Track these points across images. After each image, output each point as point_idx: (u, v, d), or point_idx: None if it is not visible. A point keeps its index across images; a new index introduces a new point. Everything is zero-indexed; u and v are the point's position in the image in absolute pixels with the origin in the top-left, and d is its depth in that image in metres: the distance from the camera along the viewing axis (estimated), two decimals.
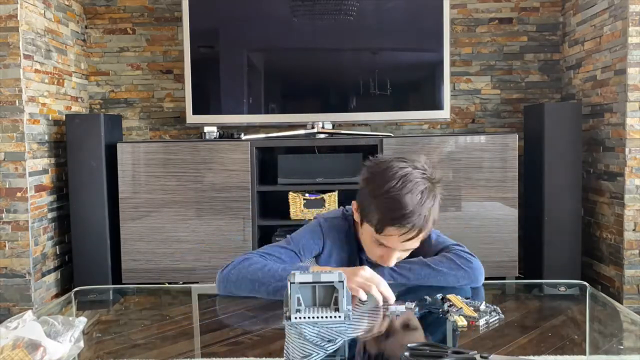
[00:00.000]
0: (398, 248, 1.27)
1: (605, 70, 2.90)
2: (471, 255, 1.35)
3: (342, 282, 1.02)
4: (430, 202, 1.24)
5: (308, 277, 1.03)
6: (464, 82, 3.46)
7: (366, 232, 1.30)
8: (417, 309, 1.12)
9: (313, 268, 1.20)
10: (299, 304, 1.02)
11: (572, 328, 1.09)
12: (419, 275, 1.29)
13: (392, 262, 1.29)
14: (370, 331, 1.07)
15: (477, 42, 3.45)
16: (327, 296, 1.04)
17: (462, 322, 1.03)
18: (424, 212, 1.22)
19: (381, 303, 1.14)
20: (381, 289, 1.15)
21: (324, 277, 1.03)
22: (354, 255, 1.39)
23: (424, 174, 1.26)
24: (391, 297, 1.15)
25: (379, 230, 1.24)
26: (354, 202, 1.34)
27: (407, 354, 0.83)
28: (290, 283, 1.02)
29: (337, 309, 1.02)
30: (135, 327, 1.10)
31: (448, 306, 1.10)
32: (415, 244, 1.27)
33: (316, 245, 1.37)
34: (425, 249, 1.37)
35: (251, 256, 1.30)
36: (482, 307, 1.09)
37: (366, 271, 1.17)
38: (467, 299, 1.15)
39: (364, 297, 1.14)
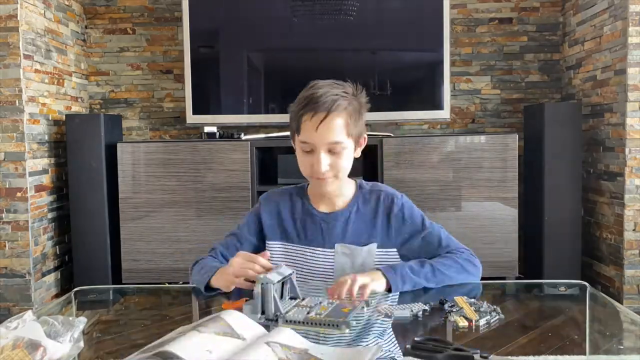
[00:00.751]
0: (319, 142, 1.27)
1: (605, 70, 2.90)
2: (475, 259, 1.36)
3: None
4: (337, 90, 1.29)
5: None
6: (464, 82, 3.46)
7: (297, 149, 1.34)
8: (419, 313, 1.11)
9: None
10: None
11: (572, 328, 1.09)
12: (427, 279, 1.27)
13: (323, 167, 1.28)
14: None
15: (477, 42, 3.45)
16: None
17: (462, 322, 1.03)
18: (330, 95, 1.27)
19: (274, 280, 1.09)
20: (260, 261, 1.15)
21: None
22: (297, 220, 1.40)
23: (336, 83, 1.34)
24: (266, 267, 1.14)
25: (297, 128, 1.30)
26: (292, 142, 1.40)
27: (409, 346, 0.85)
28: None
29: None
30: (135, 327, 1.10)
31: (449, 306, 1.10)
32: (333, 135, 1.27)
33: (252, 222, 1.42)
34: (434, 247, 1.37)
35: (203, 258, 1.45)
36: (483, 307, 1.10)
37: (236, 257, 1.20)
38: (472, 298, 1.15)
39: (247, 285, 1.15)
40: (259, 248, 1.41)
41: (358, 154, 1.37)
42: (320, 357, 0.84)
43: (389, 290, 1.23)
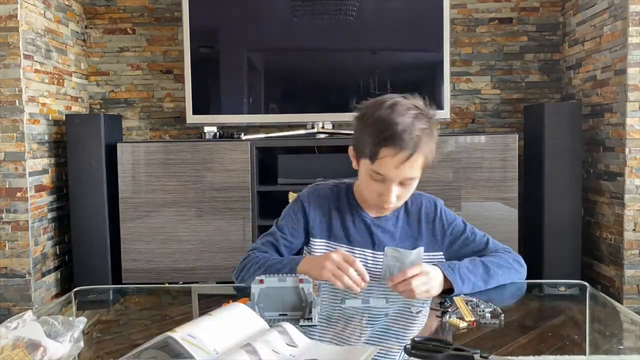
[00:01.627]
0: (394, 177, 1.23)
1: (605, 70, 2.90)
2: (520, 258, 1.37)
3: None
4: (422, 124, 1.21)
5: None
6: (464, 82, 3.46)
7: (363, 171, 1.28)
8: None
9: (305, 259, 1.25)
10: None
11: (572, 328, 1.09)
12: (483, 280, 1.26)
13: (392, 198, 1.25)
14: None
15: (477, 42, 3.45)
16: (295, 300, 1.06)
17: (462, 324, 1.03)
18: (416, 132, 1.19)
19: (358, 290, 1.13)
20: (350, 274, 1.12)
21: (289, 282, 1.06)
22: (345, 220, 1.37)
23: (415, 104, 1.24)
24: (363, 276, 1.13)
25: (372, 157, 1.21)
26: (349, 148, 1.33)
27: (409, 346, 0.85)
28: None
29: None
30: (135, 327, 1.10)
31: (447, 306, 1.11)
32: (412, 172, 1.23)
33: (298, 220, 1.38)
34: (479, 248, 1.37)
35: (252, 255, 1.34)
36: (483, 306, 1.10)
37: (337, 255, 1.16)
38: (474, 298, 1.15)
39: (340, 286, 1.13)
40: (302, 246, 1.40)
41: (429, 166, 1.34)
42: (315, 358, 0.85)
43: (447, 291, 1.20)
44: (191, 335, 0.81)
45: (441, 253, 1.38)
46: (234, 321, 0.91)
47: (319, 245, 1.37)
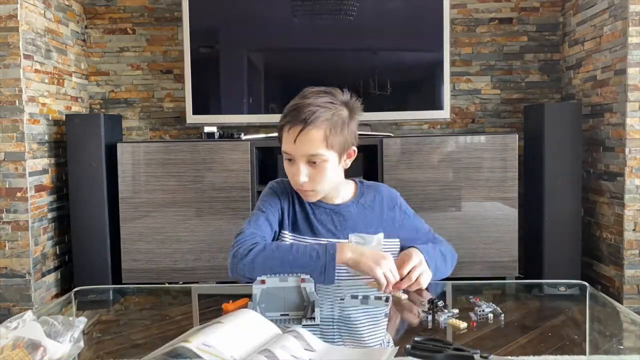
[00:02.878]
0: (295, 152, 1.28)
1: (605, 70, 2.90)
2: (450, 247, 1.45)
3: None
4: (319, 101, 1.27)
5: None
6: (464, 82, 3.46)
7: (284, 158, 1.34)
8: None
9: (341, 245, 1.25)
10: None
11: (572, 328, 1.09)
12: (440, 272, 1.34)
13: (302, 177, 1.29)
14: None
15: (477, 42, 3.45)
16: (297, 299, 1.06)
17: (463, 324, 1.03)
18: (310, 107, 1.25)
19: (388, 290, 1.18)
20: (398, 286, 1.19)
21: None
22: (307, 213, 1.40)
23: (326, 90, 1.32)
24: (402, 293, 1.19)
25: (279, 139, 1.31)
26: None
27: (409, 346, 0.85)
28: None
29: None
30: (135, 327, 1.10)
31: (441, 306, 1.11)
32: (311, 146, 1.26)
33: (276, 208, 1.41)
34: (423, 234, 1.44)
35: (257, 241, 1.32)
36: (483, 306, 1.10)
37: (391, 262, 1.20)
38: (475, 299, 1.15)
39: (382, 289, 1.19)
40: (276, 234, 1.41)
41: (347, 164, 1.37)
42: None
43: None
44: (206, 344, 0.81)
45: (398, 240, 1.42)
46: (246, 327, 0.90)
47: (287, 238, 1.39)
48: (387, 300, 1.16)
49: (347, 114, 1.30)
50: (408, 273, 1.24)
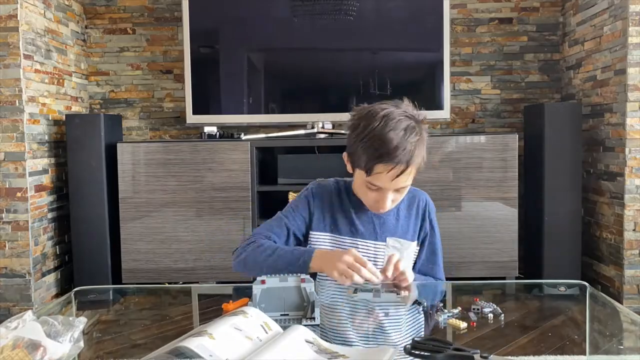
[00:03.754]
0: (390, 188, 1.27)
1: (605, 70, 2.90)
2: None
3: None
4: (414, 137, 1.24)
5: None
6: (464, 82, 3.46)
7: (358, 179, 1.32)
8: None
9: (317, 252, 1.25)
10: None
11: (572, 328, 1.09)
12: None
13: (388, 205, 1.29)
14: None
15: (477, 42, 3.45)
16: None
17: (463, 324, 1.03)
18: (408, 146, 1.22)
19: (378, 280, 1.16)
20: (363, 274, 1.14)
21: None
22: (349, 214, 1.39)
23: (405, 112, 1.28)
24: (375, 276, 1.15)
25: (368, 171, 1.25)
26: (344, 154, 1.36)
27: (409, 346, 0.85)
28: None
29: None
30: (135, 327, 1.10)
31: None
32: (405, 181, 1.27)
33: (303, 213, 1.40)
34: (434, 258, 1.43)
35: (257, 239, 1.34)
36: (484, 306, 1.10)
37: (349, 256, 1.17)
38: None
39: (349, 284, 1.15)
40: (303, 238, 1.42)
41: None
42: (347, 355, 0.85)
43: None
44: (206, 345, 0.81)
45: (416, 245, 1.43)
46: (247, 326, 0.90)
47: (323, 239, 1.39)
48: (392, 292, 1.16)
49: (423, 130, 1.30)
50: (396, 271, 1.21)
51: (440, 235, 1.46)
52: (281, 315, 1.04)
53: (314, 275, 1.24)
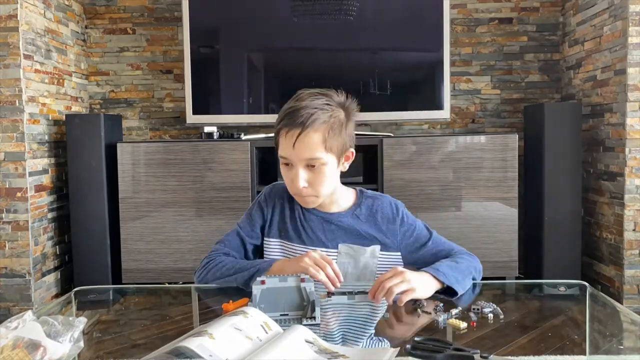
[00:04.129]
0: (294, 157, 1.25)
1: (605, 70, 2.90)
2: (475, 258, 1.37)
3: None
4: (317, 104, 1.25)
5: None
6: (464, 82, 3.46)
7: (280, 162, 1.32)
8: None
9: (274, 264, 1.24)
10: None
11: (572, 328, 1.09)
12: (465, 285, 1.25)
13: (301, 182, 1.26)
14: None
15: (477, 42, 3.45)
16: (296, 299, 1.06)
17: (463, 324, 1.03)
18: (307, 110, 1.23)
19: (332, 288, 1.14)
20: (328, 272, 1.14)
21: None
22: (299, 220, 1.37)
23: (322, 92, 1.29)
24: (338, 276, 1.14)
25: (276, 144, 1.29)
26: None
27: (408, 346, 0.85)
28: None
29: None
30: (135, 327, 1.10)
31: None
32: (309, 150, 1.24)
33: (258, 220, 1.41)
34: (445, 252, 1.36)
35: (214, 257, 1.38)
36: (483, 305, 1.10)
37: (315, 253, 1.17)
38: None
39: (319, 278, 1.14)
40: (259, 246, 1.41)
41: (345, 167, 1.34)
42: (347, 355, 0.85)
43: (445, 292, 1.20)
44: (206, 345, 0.81)
45: (399, 254, 1.36)
46: (247, 326, 0.90)
47: (273, 245, 1.38)
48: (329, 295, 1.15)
49: (344, 115, 1.28)
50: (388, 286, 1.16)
51: (420, 221, 1.41)
52: (281, 315, 1.04)
53: None
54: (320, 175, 1.27)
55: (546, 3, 3.42)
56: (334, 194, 1.35)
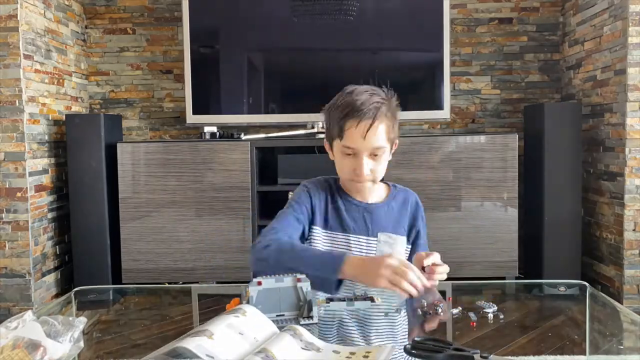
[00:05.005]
0: (363, 148, 1.31)
1: (605, 70, 2.90)
2: None
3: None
4: (378, 98, 1.33)
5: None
6: (464, 82, 3.46)
7: (337, 153, 1.37)
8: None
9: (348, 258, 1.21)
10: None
11: (572, 328, 1.09)
12: None
13: (366, 170, 1.32)
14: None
15: (477, 42, 3.45)
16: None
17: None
18: (374, 104, 1.31)
19: (415, 293, 1.09)
20: (411, 278, 1.08)
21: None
22: (340, 210, 1.40)
23: (371, 87, 1.37)
24: (423, 285, 1.10)
25: (340, 133, 1.32)
26: (324, 143, 1.44)
27: (409, 346, 0.85)
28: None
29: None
30: (135, 327, 1.10)
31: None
32: (377, 140, 1.31)
33: (307, 205, 1.42)
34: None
35: (280, 237, 1.31)
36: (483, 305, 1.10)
37: (392, 260, 1.12)
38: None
39: (403, 295, 1.09)
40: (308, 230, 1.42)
41: (390, 156, 1.41)
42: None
43: None
44: (204, 345, 0.81)
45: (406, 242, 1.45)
46: (244, 325, 0.90)
47: (318, 234, 1.40)
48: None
49: (395, 108, 1.38)
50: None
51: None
52: (277, 316, 1.04)
53: None
54: (381, 162, 1.36)
55: (546, 3, 3.42)
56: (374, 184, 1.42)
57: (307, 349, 0.87)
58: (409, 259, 1.35)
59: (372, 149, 1.32)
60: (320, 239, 1.39)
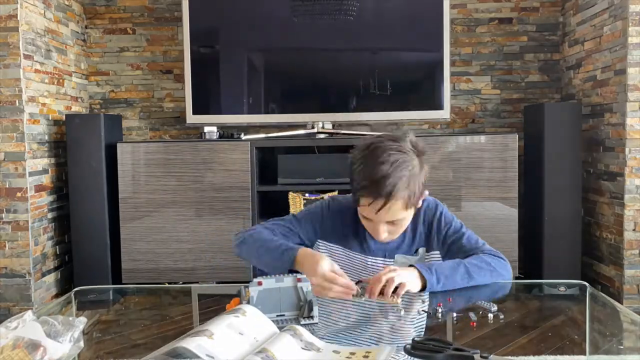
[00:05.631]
0: (377, 220, 1.28)
1: (605, 70, 2.90)
2: (504, 260, 1.39)
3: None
4: (400, 172, 1.23)
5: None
6: (464, 82, 3.46)
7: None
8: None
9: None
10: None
11: (572, 328, 1.09)
12: (462, 279, 1.29)
13: (382, 235, 1.31)
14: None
15: (477, 42, 3.45)
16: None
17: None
18: (391, 180, 1.21)
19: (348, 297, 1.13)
20: (337, 287, 1.10)
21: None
22: (361, 231, 1.40)
23: (400, 146, 1.26)
24: (350, 286, 1.12)
25: (355, 202, 1.30)
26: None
27: (409, 346, 0.85)
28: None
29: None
30: (135, 327, 1.10)
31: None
32: (392, 216, 1.27)
33: (314, 221, 1.42)
34: (471, 249, 1.40)
35: (259, 228, 1.37)
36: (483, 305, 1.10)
37: (322, 267, 1.12)
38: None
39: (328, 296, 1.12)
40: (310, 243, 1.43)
41: (418, 204, 1.36)
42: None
43: (423, 288, 1.23)
44: (204, 345, 0.81)
45: (438, 252, 1.42)
46: (244, 325, 0.90)
47: (336, 251, 1.41)
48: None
49: (418, 163, 1.28)
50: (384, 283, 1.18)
51: (456, 220, 1.46)
52: (277, 316, 1.04)
53: None
54: (400, 227, 1.34)
55: (546, 3, 3.42)
56: None
57: (307, 349, 0.87)
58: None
59: (388, 221, 1.30)
60: (340, 256, 1.40)
